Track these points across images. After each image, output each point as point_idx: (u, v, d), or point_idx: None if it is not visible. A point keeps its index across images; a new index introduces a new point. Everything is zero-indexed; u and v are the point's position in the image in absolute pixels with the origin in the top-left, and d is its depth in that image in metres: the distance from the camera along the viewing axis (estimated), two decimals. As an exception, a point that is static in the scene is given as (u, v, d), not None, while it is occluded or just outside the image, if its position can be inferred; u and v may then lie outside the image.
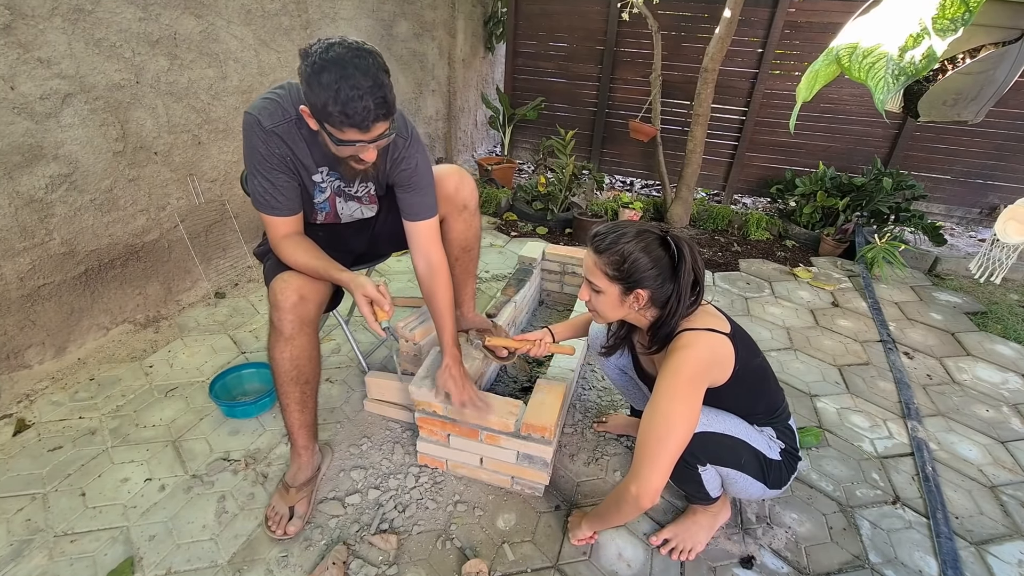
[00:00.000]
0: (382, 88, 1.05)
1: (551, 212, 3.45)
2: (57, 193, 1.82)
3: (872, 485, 1.61)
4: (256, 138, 1.22)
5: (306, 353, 1.32)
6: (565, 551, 1.36)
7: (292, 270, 1.32)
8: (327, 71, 1.02)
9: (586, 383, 1.98)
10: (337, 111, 1.03)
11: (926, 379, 2.14)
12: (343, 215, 1.49)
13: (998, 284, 2.89)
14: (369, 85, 1.03)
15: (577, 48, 4.21)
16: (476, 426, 1.45)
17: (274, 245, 1.34)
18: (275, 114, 1.21)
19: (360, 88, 1.02)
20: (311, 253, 1.31)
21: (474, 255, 1.64)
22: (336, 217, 1.50)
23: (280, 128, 1.21)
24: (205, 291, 2.43)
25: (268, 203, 1.28)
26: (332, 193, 1.41)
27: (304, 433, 1.41)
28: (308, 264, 1.30)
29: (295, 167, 1.29)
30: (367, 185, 1.43)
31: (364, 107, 1.03)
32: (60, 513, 1.39)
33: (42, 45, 1.69)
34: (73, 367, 1.92)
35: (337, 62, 1.02)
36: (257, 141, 1.22)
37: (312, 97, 1.05)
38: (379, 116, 1.07)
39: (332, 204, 1.44)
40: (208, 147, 2.34)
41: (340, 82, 1.01)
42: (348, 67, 1.02)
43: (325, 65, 1.02)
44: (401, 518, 1.43)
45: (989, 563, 1.40)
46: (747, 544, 1.41)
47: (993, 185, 3.69)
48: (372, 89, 1.03)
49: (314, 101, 1.05)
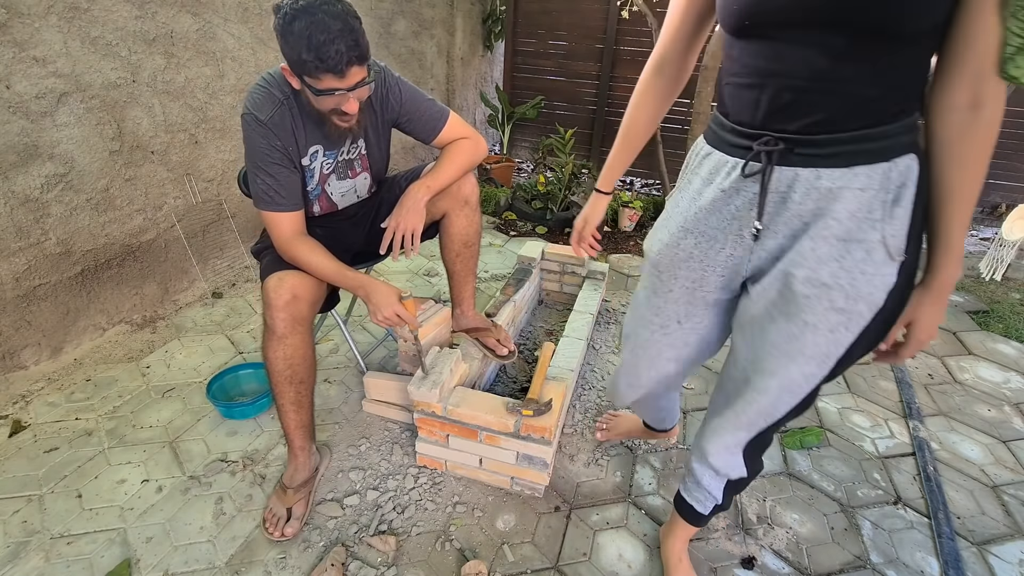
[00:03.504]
0: (353, 32, 1.08)
1: (550, 211, 3.44)
2: (53, 193, 1.81)
3: (873, 485, 1.61)
4: (256, 135, 1.23)
5: (300, 352, 1.31)
6: (565, 552, 1.36)
7: (287, 268, 1.31)
8: (298, 19, 1.05)
9: (586, 383, 1.97)
10: (311, 58, 1.06)
11: (928, 378, 2.14)
12: (335, 196, 1.49)
13: (1000, 282, 2.88)
14: (339, 28, 1.06)
15: (576, 46, 4.19)
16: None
17: (283, 245, 1.32)
18: (267, 104, 1.23)
19: (331, 31, 1.05)
20: (327, 256, 1.31)
21: (475, 251, 1.64)
22: (331, 204, 1.50)
23: (275, 116, 1.24)
24: (202, 291, 2.42)
25: (272, 199, 1.28)
26: (322, 174, 1.41)
27: (300, 434, 1.40)
28: (324, 266, 1.30)
29: (292, 157, 1.30)
30: (357, 145, 1.44)
31: (336, 51, 1.06)
32: (56, 515, 1.38)
33: (37, 44, 1.68)
34: (69, 368, 1.91)
35: (307, 10, 1.05)
36: (257, 138, 1.23)
37: (287, 49, 1.09)
38: (352, 59, 1.09)
39: (323, 187, 1.45)
40: (205, 146, 2.33)
41: (311, 28, 1.04)
42: (317, 13, 1.05)
43: (296, 14, 1.05)
44: (400, 519, 1.42)
45: (991, 563, 1.39)
46: (748, 544, 1.40)
47: (995, 184, 3.68)
48: (343, 32, 1.06)
49: (289, 53, 1.09)
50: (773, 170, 0.77)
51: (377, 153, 1.51)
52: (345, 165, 1.45)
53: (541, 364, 1.64)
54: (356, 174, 1.50)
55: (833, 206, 0.74)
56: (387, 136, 1.50)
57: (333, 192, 1.48)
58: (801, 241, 0.78)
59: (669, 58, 0.96)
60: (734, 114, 0.82)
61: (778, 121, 0.76)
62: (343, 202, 1.53)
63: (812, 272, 0.77)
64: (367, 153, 1.49)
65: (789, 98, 0.74)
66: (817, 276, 0.77)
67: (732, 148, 0.83)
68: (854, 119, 0.72)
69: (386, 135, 1.50)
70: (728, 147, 0.84)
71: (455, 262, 1.62)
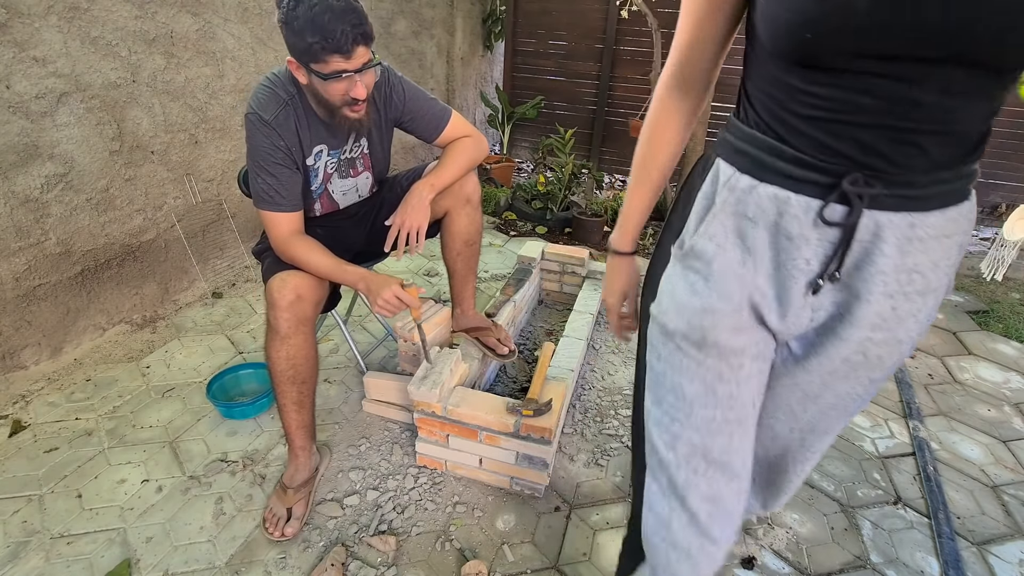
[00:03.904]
0: (357, 12, 1.11)
1: (550, 211, 3.44)
2: (53, 193, 1.81)
3: (873, 485, 1.61)
4: (260, 134, 1.24)
5: (303, 352, 1.32)
6: (565, 552, 1.36)
7: (290, 268, 1.31)
8: (301, 4, 1.07)
9: (586, 383, 1.97)
10: (317, 39, 1.08)
11: (927, 378, 2.14)
12: (336, 195, 1.49)
13: (1000, 282, 2.88)
14: (343, 7, 1.08)
15: (576, 46, 4.19)
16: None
17: (280, 244, 1.33)
18: (271, 103, 1.24)
19: (334, 11, 1.07)
20: (324, 253, 1.32)
21: (476, 249, 1.64)
22: (333, 204, 1.50)
23: (280, 116, 1.24)
24: (202, 291, 2.42)
25: (272, 199, 1.28)
26: (326, 173, 1.42)
27: (301, 433, 1.40)
28: (321, 263, 1.30)
29: (296, 158, 1.30)
30: (360, 144, 1.45)
31: (342, 30, 1.08)
32: (56, 515, 1.38)
33: (37, 44, 1.68)
34: (69, 368, 1.91)
35: None
36: (261, 137, 1.24)
37: (292, 37, 1.10)
38: (358, 37, 1.11)
39: (326, 187, 1.45)
40: (205, 146, 2.33)
41: (315, 10, 1.07)
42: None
43: (299, 1, 1.07)
44: (400, 519, 1.42)
45: (991, 563, 1.39)
46: (748, 545, 1.40)
47: (995, 184, 3.68)
48: (346, 11, 1.09)
49: (294, 41, 1.10)
50: (862, 215, 0.62)
51: (379, 152, 1.51)
52: (347, 164, 1.46)
53: (541, 364, 1.64)
54: (358, 173, 1.50)
55: (920, 258, 0.64)
56: (389, 135, 1.51)
57: (335, 191, 1.48)
58: (879, 300, 0.65)
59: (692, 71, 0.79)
60: (798, 142, 0.64)
61: (866, 155, 0.61)
62: (344, 201, 1.53)
63: (891, 334, 0.68)
64: (369, 152, 1.49)
65: (885, 135, 0.60)
66: (895, 336, 0.68)
67: (795, 183, 0.64)
68: (958, 157, 0.62)
69: (389, 134, 1.50)
70: (787, 180, 0.65)
71: (456, 261, 1.63)
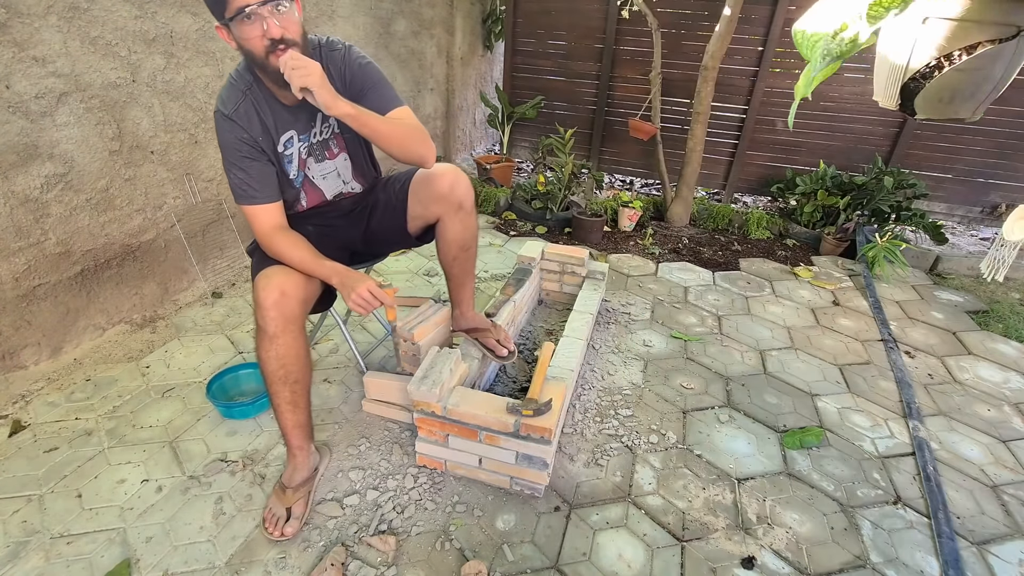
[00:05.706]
0: None
1: (550, 211, 3.44)
2: (52, 193, 1.81)
3: (873, 485, 1.61)
4: (224, 130, 1.27)
5: (292, 352, 1.30)
6: (565, 552, 1.36)
7: (274, 265, 1.31)
8: None
9: (586, 383, 1.97)
10: None
11: (927, 378, 2.14)
12: (317, 180, 1.48)
13: (1000, 282, 2.88)
14: None
15: (576, 46, 4.19)
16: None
17: (263, 239, 1.34)
18: (231, 96, 1.26)
19: None
20: (305, 247, 1.32)
21: (472, 254, 1.63)
22: (318, 192, 1.49)
23: (240, 108, 1.26)
24: (202, 291, 2.42)
25: (246, 193, 1.30)
26: (300, 159, 1.41)
27: (298, 433, 1.40)
28: (300, 257, 1.31)
29: (263, 147, 1.31)
30: (329, 124, 1.44)
31: None
32: (56, 515, 1.38)
33: (37, 43, 1.68)
34: (69, 368, 1.91)
35: None
36: (226, 133, 1.27)
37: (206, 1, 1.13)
38: None
39: (305, 174, 1.45)
40: (205, 146, 2.33)
41: None
42: None
43: None
44: (400, 519, 1.42)
45: (990, 563, 1.39)
46: (748, 544, 1.40)
47: (995, 184, 3.68)
48: None
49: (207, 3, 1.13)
50: None
51: (350, 132, 1.43)
52: (321, 146, 1.44)
53: (541, 364, 1.64)
54: (334, 155, 1.48)
55: None
56: None
57: (315, 176, 1.46)
58: None
59: None
60: None
61: None
62: (329, 188, 1.50)
63: None
64: (341, 131, 1.46)
65: None
66: None
67: None
68: None
69: None
70: None
71: (452, 265, 1.62)
